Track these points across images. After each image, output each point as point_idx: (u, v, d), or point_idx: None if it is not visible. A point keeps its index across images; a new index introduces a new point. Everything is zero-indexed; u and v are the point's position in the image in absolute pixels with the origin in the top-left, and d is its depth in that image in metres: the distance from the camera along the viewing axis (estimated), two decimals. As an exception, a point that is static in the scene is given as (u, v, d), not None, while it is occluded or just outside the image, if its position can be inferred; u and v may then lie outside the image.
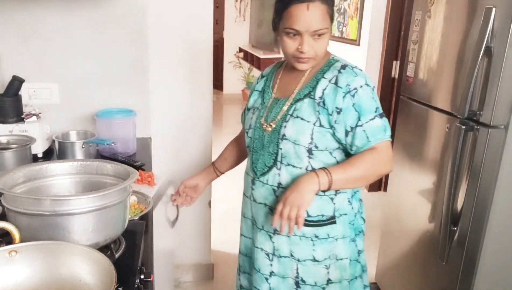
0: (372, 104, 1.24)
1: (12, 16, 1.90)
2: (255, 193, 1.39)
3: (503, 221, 1.78)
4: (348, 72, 1.25)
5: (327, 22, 1.22)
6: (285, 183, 1.30)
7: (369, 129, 1.24)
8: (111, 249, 1.08)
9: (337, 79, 1.25)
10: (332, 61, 1.32)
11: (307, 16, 1.19)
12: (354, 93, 1.23)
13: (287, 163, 1.29)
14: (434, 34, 2.03)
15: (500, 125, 1.68)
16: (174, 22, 2.22)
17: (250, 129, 1.41)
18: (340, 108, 1.23)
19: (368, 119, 1.23)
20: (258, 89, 1.47)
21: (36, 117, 1.80)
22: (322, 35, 1.22)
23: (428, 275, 2.07)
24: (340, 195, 1.33)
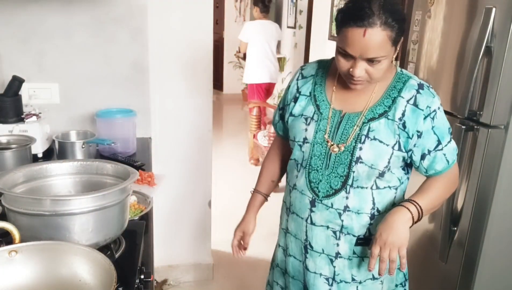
0: (447, 126, 1.22)
1: (12, 16, 1.90)
2: (315, 216, 1.27)
3: (503, 221, 1.78)
4: (427, 93, 1.19)
5: (386, 49, 1.10)
6: (352, 206, 1.23)
7: (448, 152, 1.22)
8: (111, 249, 1.08)
9: (416, 100, 1.18)
10: (403, 76, 1.23)
11: (362, 42, 1.07)
12: (434, 115, 1.19)
13: (356, 185, 1.22)
14: (434, 34, 2.03)
15: (500, 125, 1.68)
16: (174, 22, 2.22)
17: (306, 144, 1.27)
18: (421, 131, 1.18)
19: (446, 142, 1.21)
20: (305, 94, 1.31)
21: (36, 117, 1.80)
22: (381, 61, 1.11)
23: (428, 275, 2.07)
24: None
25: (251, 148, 4.60)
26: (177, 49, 2.27)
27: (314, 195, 1.26)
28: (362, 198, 1.23)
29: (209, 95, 2.41)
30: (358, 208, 1.23)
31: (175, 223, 2.57)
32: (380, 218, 1.22)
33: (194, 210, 2.57)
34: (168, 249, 2.58)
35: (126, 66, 2.06)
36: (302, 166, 1.29)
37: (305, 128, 1.27)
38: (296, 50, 5.38)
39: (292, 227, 1.35)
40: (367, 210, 1.24)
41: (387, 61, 1.12)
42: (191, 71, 2.33)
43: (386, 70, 1.15)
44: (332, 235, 1.27)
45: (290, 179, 1.35)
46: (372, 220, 1.25)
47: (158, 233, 2.43)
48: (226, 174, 4.15)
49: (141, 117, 2.09)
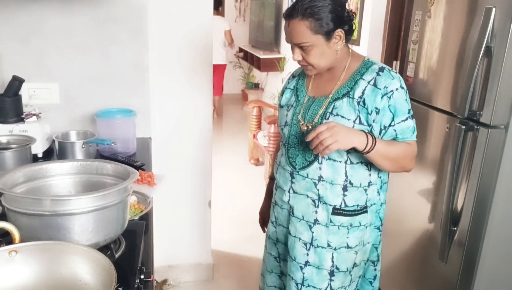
0: (405, 106, 1.35)
1: (12, 16, 1.90)
2: (295, 186, 1.47)
3: (503, 221, 1.78)
4: (386, 74, 1.35)
5: (308, 36, 1.30)
6: (325, 176, 1.40)
7: (400, 129, 1.35)
8: (111, 249, 1.08)
9: (375, 81, 1.34)
10: (368, 62, 1.41)
11: (288, 31, 1.34)
12: (390, 95, 1.33)
13: (328, 157, 1.38)
14: (434, 34, 2.03)
15: (500, 125, 1.68)
16: (174, 22, 2.22)
17: (286, 126, 1.49)
18: (378, 108, 1.33)
19: (400, 120, 1.34)
20: (290, 87, 1.56)
21: (36, 117, 1.80)
22: (307, 48, 1.32)
23: (428, 275, 2.07)
24: (372, 187, 1.44)
25: (251, 148, 4.60)
26: (177, 49, 2.27)
27: (292, 168, 1.46)
28: (335, 170, 1.39)
29: (209, 95, 2.41)
30: (332, 179, 1.40)
31: (175, 223, 2.57)
32: (353, 190, 1.41)
33: (194, 210, 2.57)
34: (168, 249, 2.58)
35: (126, 66, 2.06)
36: (283, 145, 1.51)
37: (286, 113, 1.50)
38: (296, 50, 5.41)
39: (278, 198, 1.56)
40: (340, 181, 1.39)
41: (316, 48, 1.33)
42: (191, 71, 2.33)
43: (321, 57, 1.35)
44: (311, 203, 1.44)
45: (277, 159, 1.57)
46: (346, 191, 1.40)
47: (158, 233, 2.43)
48: (226, 174, 4.14)
49: (141, 117, 2.09)
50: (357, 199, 1.43)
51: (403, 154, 1.38)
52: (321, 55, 1.35)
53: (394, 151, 1.36)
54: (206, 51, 2.32)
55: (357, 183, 1.41)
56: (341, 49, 1.39)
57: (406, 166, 1.42)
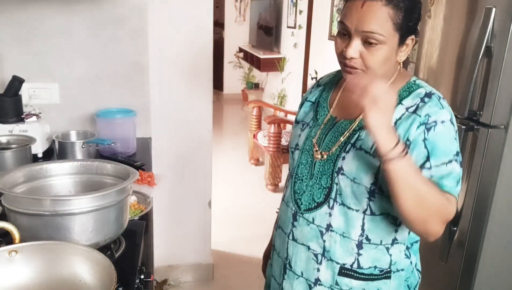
0: (453, 146, 1.00)
1: (12, 16, 1.90)
2: (296, 231, 1.15)
3: (503, 221, 1.78)
4: (434, 101, 1.01)
5: (385, 29, 0.97)
6: (336, 226, 1.07)
7: (438, 173, 0.98)
8: (111, 249, 1.08)
9: (417, 108, 1.02)
10: (414, 85, 1.07)
11: (359, 12, 0.98)
12: (431, 126, 0.99)
13: (341, 202, 1.07)
14: (434, 34, 2.03)
15: (500, 125, 1.68)
16: (174, 22, 2.22)
17: (296, 150, 1.18)
18: (411, 140, 1.00)
19: (440, 162, 0.98)
20: (311, 100, 1.23)
21: (36, 117, 1.80)
22: (376, 44, 0.98)
23: (428, 275, 2.07)
24: (397, 246, 1.11)
25: (251, 148, 4.60)
26: (177, 49, 2.27)
27: (296, 208, 1.14)
28: (349, 220, 1.07)
29: (209, 95, 2.41)
30: (343, 230, 1.07)
31: (175, 223, 2.57)
32: (371, 247, 1.07)
33: (194, 210, 2.57)
34: (168, 249, 2.58)
35: (126, 66, 2.06)
36: (291, 175, 1.19)
37: (299, 134, 1.19)
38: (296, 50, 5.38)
39: (277, 243, 1.24)
40: (354, 236, 1.07)
41: (385, 50, 0.99)
42: (191, 71, 2.33)
43: (385, 63, 1.01)
44: (313, 257, 1.12)
45: (284, 190, 1.25)
46: (361, 249, 1.07)
47: (158, 233, 2.43)
48: (226, 174, 4.14)
49: (141, 117, 2.09)
50: (375, 260, 1.09)
51: (436, 201, 0.97)
52: (386, 61, 1.01)
53: (427, 188, 0.96)
54: (206, 51, 2.32)
55: (376, 239, 1.08)
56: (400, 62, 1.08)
57: (432, 224, 0.99)
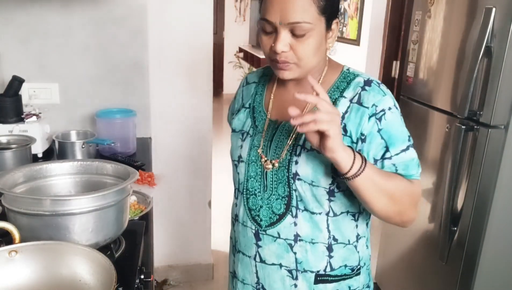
0: (404, 131, 0.98)
1: (12, 16, 1.90)
2: (263, 252, 1.06)
3: (503, 221, 1.78)
4: (375, 89, 0.98)
5: (312, 15, 0.90)
6: (304, 235, 1.02)
7: (401, 162, 0.97)
8: (111, 249, 1.08)
9: (360, 98, 0.98)
10: (349, 74, 1.03)
11: (281, 4, 0.90)
12: (381, 116, 0.96)
13: (304, 208, 1.01)
14: (434, 34, 2.03)
15: (500, 125, 1.68)
16: (174, 22, 2.22)
17: (241, 163, 1.08)
18: (365, 134, 0.96)
19: (399, 150, 0.97)
20: (246, 106, 1.14)
21: (36, 117, 1.80)
22: (306, 33, 0.91)
23: (428, 275, 2.07)
24: (361, 241, 1.08)
25: (251, 148, 4.59)
26: (177, 49, 2.27)
27: (256, 226, 1.05)
28: (315, 225, 1.01)
29: (209, 95, 2.41)
30: (312, 237, 1.02)
31: (175, 223, 2.56)
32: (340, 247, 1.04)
33: (194, 210, 2.57)
34: (168, 249, 2.58)
35: (126, 66, 2.06)
36: (239, 191, 1.10)
37: (241, 144, 1.09)
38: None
39: (239, 269, 1.13)
40: (323, 239, 1.02)
41: (315, 37, 0.93)
42: (191, 71, 2.33)
43: (317, 52, 0.95)
44: (288, 274, 1.05)
45: (232, 209, 1.16)
46: (331, 252, 1.03)
47: (158, 233, 2.43)
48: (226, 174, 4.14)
49: (141, 117, 2.09)
50: (345, 259, 1.05)
51: (404, 192, 0.98)
52: (317, 49, 0.95)
53: (393, 184, 0.96)
54: (206, 51, 2.32)
55: (343, 238, 1.04)
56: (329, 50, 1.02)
57: (406, 212, 1.00)
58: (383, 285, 2.54)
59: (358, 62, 3.87)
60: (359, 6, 3.92)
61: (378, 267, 2.59)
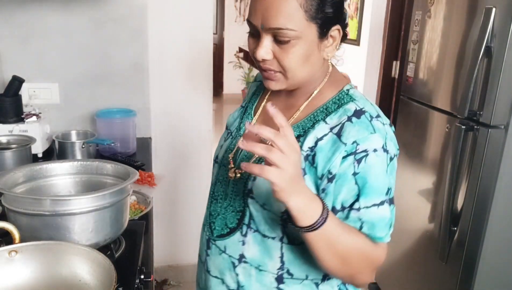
0: (384, 182, 0.82)
1: (12, 16, 1.90)
2: (209, 261, 0.98)
3: (503, 221, 1.78)
4: (363, 123, 0.82)
5: (297, 22, 0.79)
6: (250, 257, 0.91)
7: (368, 217, 0.81)
8: (111, 249, 1.08)
9: (342, 129, 0.82)
10: (345, 96, 0.88)
11: (264, 4, 0.80)
12: (361, 157, 0.80)
13: (256, 228, 0.90)
14: (434, 34, 2.03)
15: (500, 125, 1.68)
16: (174, 22, 2.22)
17: (215, 163, 1.02)
18: (334, 173, 0.81)
19: (370, 203, 0.81)
20: (242, 104, 1.07)
21: (36, 117, 1.80)
22: (289, 41, 0.80)
23: (428, 275, 2.07)
24: (329, 282, 0.92)
25: (251, 148, 4.59)
26: (177, 49, 2.27)
27: (210, 233, 0.98)
28: (265, 249, 0.89)
29: (209, 95, 2.41)
30: (259, 262, 0.90)
31: (175, 223, 2.56)
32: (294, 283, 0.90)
33: (194, 210, 2.57)
34: (168, 249, 2.58)
35: (126, 66, 2.06)
36: (209, 193, 1.03)
37: (222, 144, 1.04)
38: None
39: (197, 274, 1.08)
40: (272, 269, 0.90)
41: (302, 45, 0.81)
42: (191, 71, 2.32)
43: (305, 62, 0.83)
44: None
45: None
46: (282, 284, 0.90)
47: (158, 233, 2.43)
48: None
49: (141, 117, 2.09)
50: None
51: (362, 257, 0.84)
52: (306, 59, 0.83)
53: (351, 247, 0.81)
54: (206, 51, 2.32)
55: (299, 274, 0.90)
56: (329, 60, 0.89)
57: (359, 277, 0.86)
58: (383, 285, 2.54)
59: (358, 62, 3.87)
60: (359, 6, 3.92)
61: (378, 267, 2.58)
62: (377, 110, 0.87)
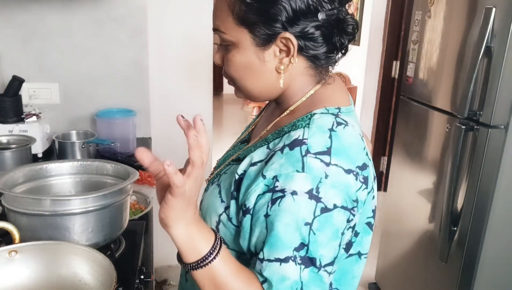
0: (295, 235, 0.66)
1: (12, 16, 1.90)
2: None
3: (503, 221, 1.78)
4: (292, 158, 0.68)
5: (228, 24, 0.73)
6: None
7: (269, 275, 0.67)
8: (111, 249, 1.08)
9: (270, 159, 0.70)
10: (305, 120, 0.73)
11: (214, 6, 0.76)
12: (277, 197, 0.67)
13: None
14: (434, 34, 2.03)
15: (500, 125, 1.68)
16: (174, 22, 2.22)
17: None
18: (248, 207, 0.70)
19: (272, 257, 0.66)
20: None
21: (36, 117, 1.80)
22: (227, 46, 0.75)
23: (428, 275, 2.07)
24: None
25: (251, 148, 4.59)
26: (177, 49, 2.27)
27: None
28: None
29: (209, 95, 2.41)
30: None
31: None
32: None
33: (194, 210, 2.57)
34: (168, 249, 2.57)
35: (126, 66, 2.06)
36: None
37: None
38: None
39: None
40: None
41: (241, 54, 0.74)
42: (191, 71, 2.33)
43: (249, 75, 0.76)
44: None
45: None
46: None
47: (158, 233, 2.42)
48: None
49: (141, 117, 2.09)
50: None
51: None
52: (248, 70, 0.75)
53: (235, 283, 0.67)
54: (206, 51, 2.32)
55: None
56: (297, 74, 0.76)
57: None
58: (383, 285, 2.54)
59: (358, 62, 3.87)
60: (359, 6, 3.92)
61: (378, 267, 2.59)
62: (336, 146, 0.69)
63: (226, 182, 0.79)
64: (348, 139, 0.71)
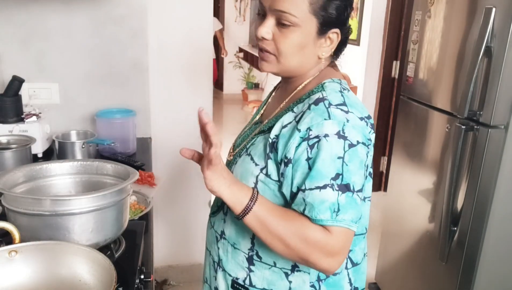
0: (330, 167, 0.83)
1: (12, 16, 1.90)
2: (208, 234, 1.12)
3: (503, 221, 1.78)
4: (319, 110, 0.86)
5: (301, 10, 0.87)
6: (228, 235, 1.00)
7: (310, 202, 0.84)
8: (111, 249, 1.08)
9: (301, 117, 0.88)
10: (319, 88, 0.93)
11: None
12: (314, 143, 0.84)
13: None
14: (434, 34, 2.03)
15: (500, 125, 1.68)
16: (174, 22, 2.22)
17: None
18: (290, 158, 0.87)
19: (313, 185, 0.83)
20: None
21: (36, 117, 1.80)
22: (289, 26, 0.88)
23: (428, 275, 2.07)
24: (300, 275, 0.95)
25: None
26: (177, 49, 2.27)
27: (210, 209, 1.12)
28: (239, 230, 0.98)
29: (209, 95, 2.41)
30: (234, 240, 0.99)
31: (175, 223, 2.56)
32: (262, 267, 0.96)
33: (194, 210, 2.57)
34: (168, 249, 2.58)
35: (126, 66, 2.06)
36: None
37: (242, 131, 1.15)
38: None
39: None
40: (244, 248, 0.97)
41: (299, 34, 0.89)
42: (191, 71, 2.32)
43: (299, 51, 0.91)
44: (212, 263, 1.07)
45: None
46: (252, 266, 0.96)
47: (158, 233, 2.43)
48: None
49: (141, 117, 2.09)
50: (270, 283, 0.96)
51: (300, 236, 0.83)
52: (300, 49, 0.91)
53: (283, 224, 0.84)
54: (206, 51, 2.32)
55: (268, 259, 0.95)
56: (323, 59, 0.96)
57: (312, 260, 0.84)
58: (383, 285, 2.54)
59: (358, 62, 3.87)
60: (359, 6, 3.92)
61: (378, 267, 2.59)
62: (348, 101, 0.90)
63: (256, 149, 0.95)
64: (353, 98, 0.93)
